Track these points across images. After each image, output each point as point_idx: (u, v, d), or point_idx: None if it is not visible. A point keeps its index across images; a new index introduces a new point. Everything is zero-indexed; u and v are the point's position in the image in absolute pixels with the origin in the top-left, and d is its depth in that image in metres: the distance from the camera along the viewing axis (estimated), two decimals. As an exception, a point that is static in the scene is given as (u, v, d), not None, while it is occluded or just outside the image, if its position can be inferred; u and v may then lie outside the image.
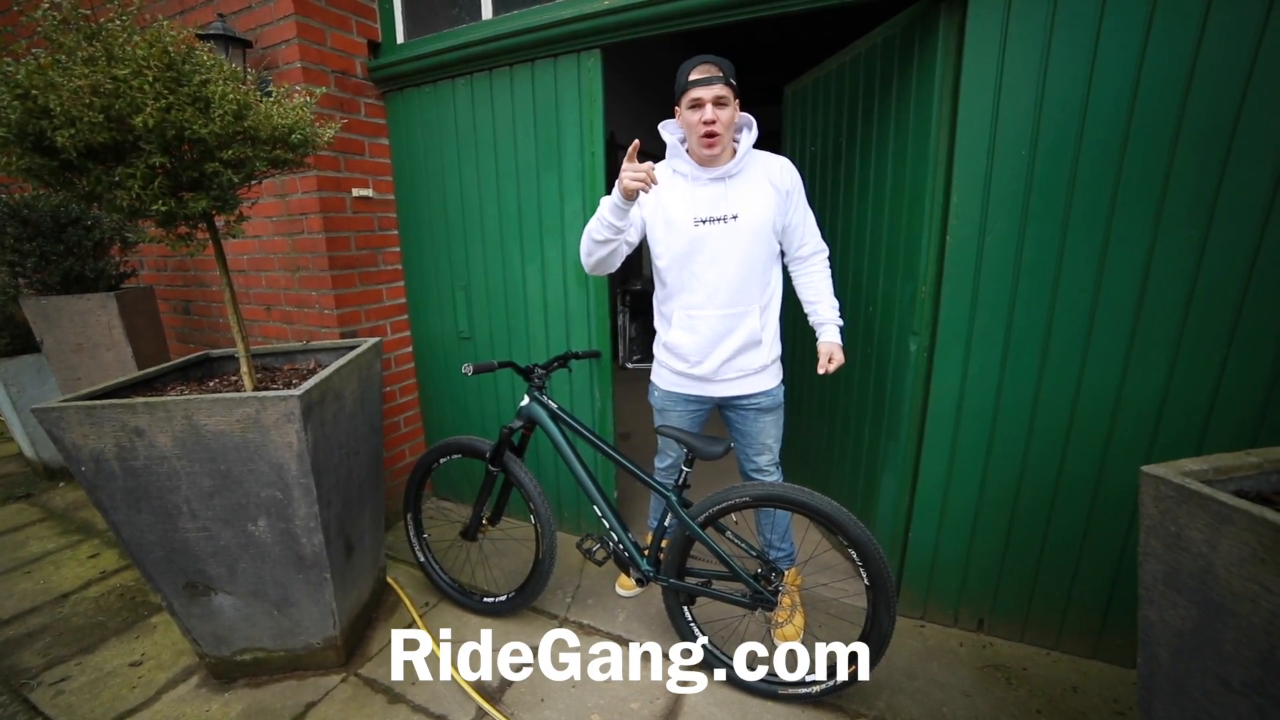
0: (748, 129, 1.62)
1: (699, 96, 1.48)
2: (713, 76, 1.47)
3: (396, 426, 2.67)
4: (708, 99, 1.47)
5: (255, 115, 1.44)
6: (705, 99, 1.48)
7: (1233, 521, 0.81)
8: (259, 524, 1.54)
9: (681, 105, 1.54)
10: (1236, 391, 1.45)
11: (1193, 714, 0.90)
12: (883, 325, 1.94)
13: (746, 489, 1.62)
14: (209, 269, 2.75)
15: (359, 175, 2.36)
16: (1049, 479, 1.67)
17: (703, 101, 1.48)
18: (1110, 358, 1.53)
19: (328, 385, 1.58)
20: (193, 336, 3.00)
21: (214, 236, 1.60)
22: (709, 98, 1.47)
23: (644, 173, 1.37)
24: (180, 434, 1.45)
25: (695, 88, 1.48)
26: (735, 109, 1.53)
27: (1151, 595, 0.94)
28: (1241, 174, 1.35)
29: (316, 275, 2.29)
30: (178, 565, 1.60)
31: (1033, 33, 1.44)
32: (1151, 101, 1.38)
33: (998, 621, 1.86)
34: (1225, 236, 1.38)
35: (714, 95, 1.47)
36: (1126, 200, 1.44)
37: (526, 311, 2.39)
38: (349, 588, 1.79)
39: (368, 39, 2.34)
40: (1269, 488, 0.98)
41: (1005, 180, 1.53)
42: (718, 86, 1.47)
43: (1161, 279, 1.45)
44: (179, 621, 1.69)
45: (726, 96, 1.49)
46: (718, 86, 1.47)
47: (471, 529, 2.06)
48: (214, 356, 1.97)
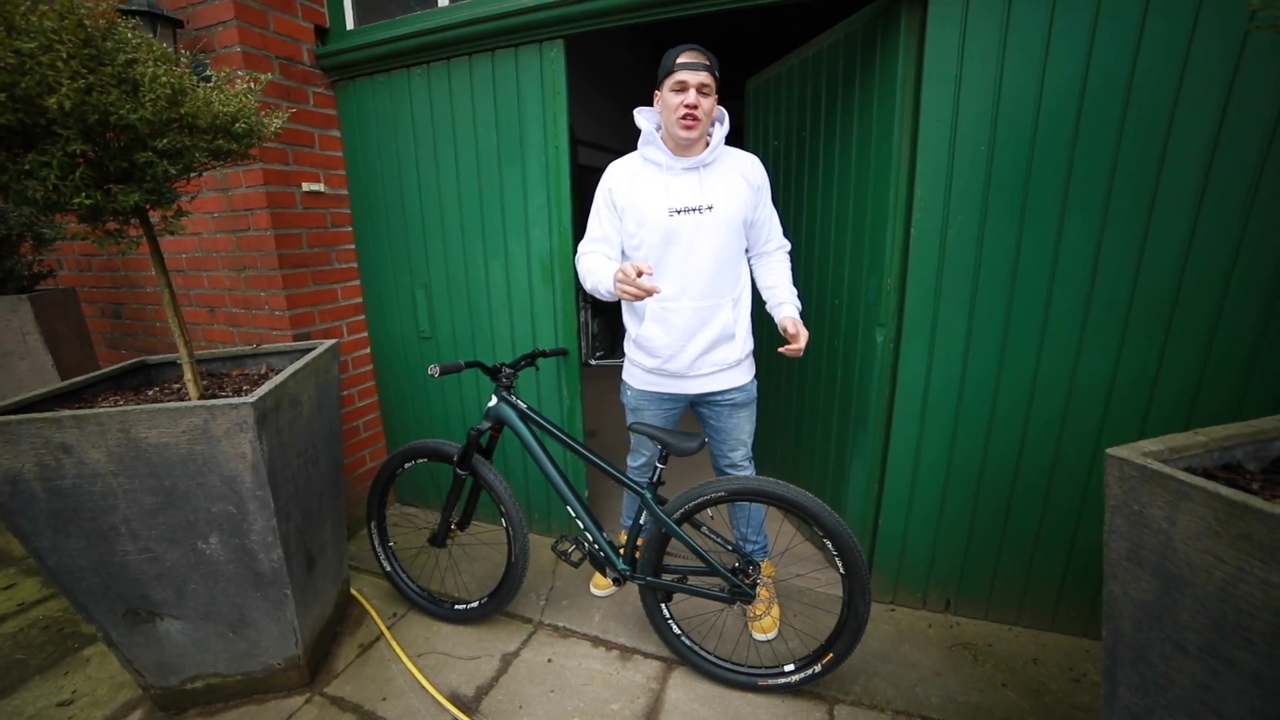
0: (720, 122, 1.63)
1: (684, 80, 1.49)
2: (699, 63, 1.49)
3: (356, 431, 2.55)
4: (693, 84, 1.49)
5: (193, 101, 1.33)
6: (690, 83, 1.49)
7: (1190, 498, 0.86)
8: (210, 541, 1.43)
9: (664, 88, 1.54)
10: (1174, 375, 1.55)
11: (1153, 679, 0.95)
12: (849, 317, 1.98)
13: (722, 484, 1.62)
14: (142, 269, 2.55)
15: (309, 169, 2.23)
16: (1010, 462, 1.74)
17: (687, 85, 1.49)
18: (1065, 345, 1.61)
19: (284, 391, 1.48)
20: (125, 342, 2.78)
21: (149, 233, 1.48)
22: (694, 83, 1.49)
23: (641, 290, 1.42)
24: (116, 449, 1.33)
25: (681, 70, 1.49)
26: (715, 98, 1.55)
27: (1116, 571, 0.99)
28: (1176, 170, 1.44)
29: (265, 274, 2.15)
30: (116, 591, 1.47)
31: (989, 32, 1.49)
32: (1098, 101, 1.45)
33: (963, 601, 1.93)
34: (1163, 229, 1.47)
35: (699, 81, 1.49)
36: (1077, 195, 1.51)
37: (490, 309, 2.32)
38: (311, 603, 1.69)
39: (314, 24, 2.21)
40: (1213, 464, 1.04)
41: (966, 175, 1.58)
42: (703, 74, 1.49)
43: (1109, 270, 1.53)
44: (118, 652, 1.56)
45: (710, 85, 1.51)
46: (703, 74, 1.49)
47: (440, 535, 1.99)
48: (152, 363, 1.82)
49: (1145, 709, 0.97)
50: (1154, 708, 0.95)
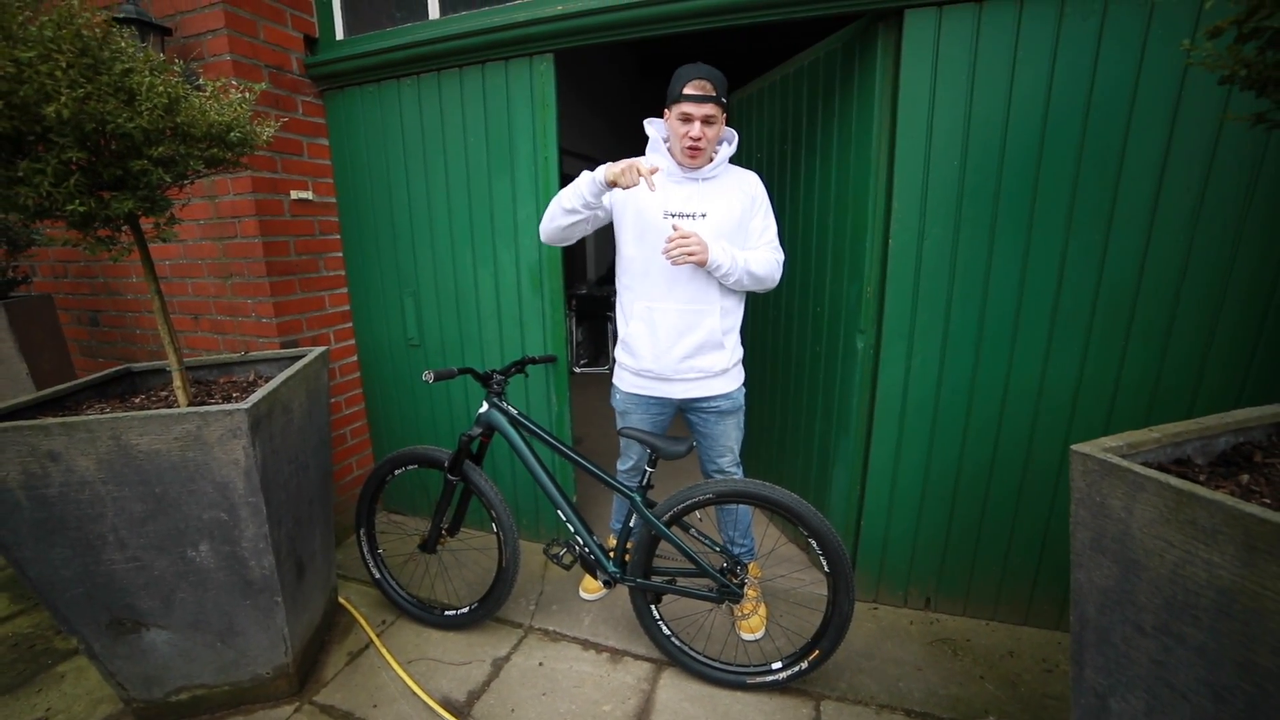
0: (728, 142, 1.68)
1: (689, 112, 1.52)
2: (706, 95, 1.51)
3: (343, 439, 2.54)
4: (697, 116, 1.51)
5: (188, 110, 1.34)
6: (695, 116, 1.52)
7: (1145, 489, 0.93)
8: (200, 549, 1.42)
9: (672, 112, 1.57)
10: (1134, 377, 1.64)
11: (1114, 659, 1.02)
12: (830, 324, 2.05)
13: (710, 486, 1.66)
14: (121, 275, 2.51)
15: (298, 177, 2.24)
16: (985, 463, 1.82)
17: (692, 118, 1.52)
18: (1034, 350, 1.70)
19: (276, 397, 1.49)
20: (102, 350, 2.72)
21: (140, 240, 1.48)
22: (699, 115, 1.51)
23: (642, 178, 1.41)
24: (106, 456, 1.32)
25: (686, 103, 1.52)
26: (721, 124, 1.58)
27: (1081, 559, 1.05)
28: (1131, 186, 1.54)
29: (252, 282, 2.14)
30: (101, 601, 1.45)
31: (960, 56, 1.58)
32: (1060, 121, 1.55)
33: (943, 598, 2.00)
34: (1121, 241, 1.57)
35: (704, 114, 1.52)
36: (1044, 208, 1.60)
37: (479, 317, 2.35)
38: (301, 610, 1.69)
39: (304, 33, 2.23)
40: (1166, 458, 1.12)
41: (940, 188, 1.67)
42: (709, 106, 1.51)
43: (1074, 278, 1.62)
44: (99, 665, 1.53)
45: (715, 115, 1.53)
46: (709, 106, 1.51)
47: (431, 541, 1.99)
48: (136, 371, 1.81)
49: (1109, 688, 1.03)
50: (1116, 686, 1.01)
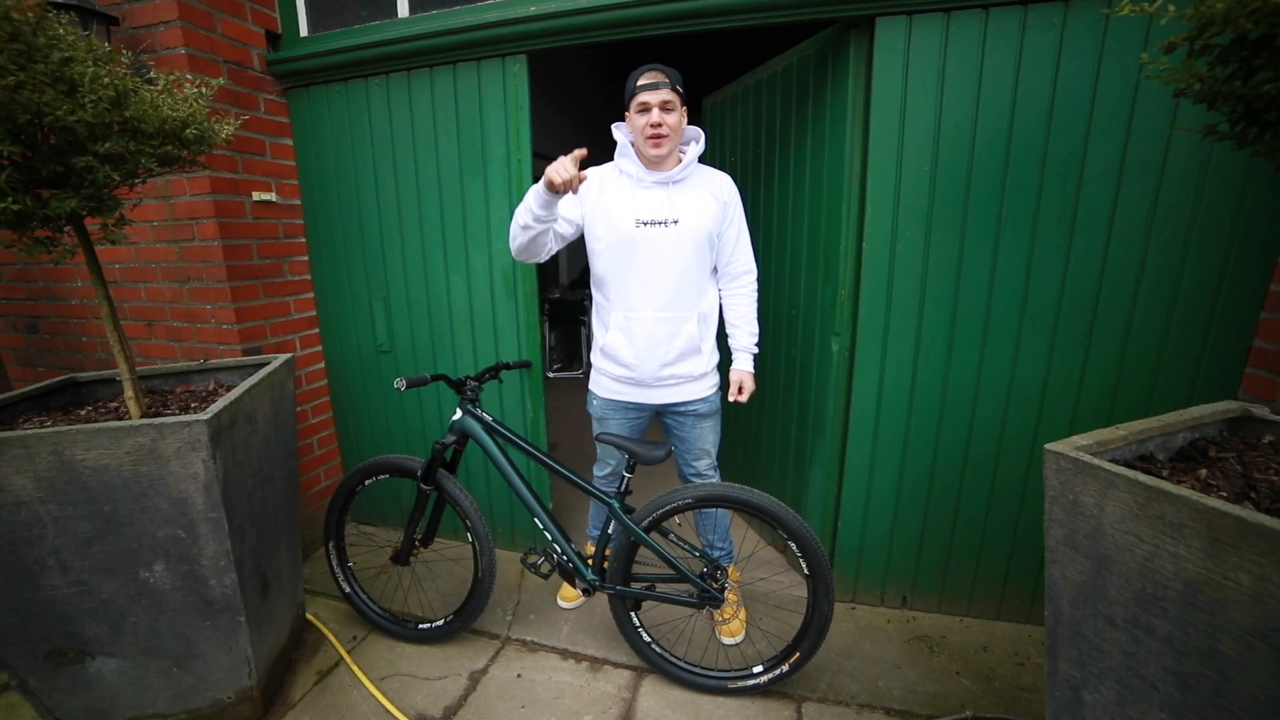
0: (695, 141, 1.69)
1: (646, 101, 1.54)
2: (659, 82, 1.53)
3: (310, 449, 2.44)
4: (654, 103, 1.53)
5: (139, 104, 1.27)
6: (652, 103, 1.53)
7: (1116, 485, 0.95)
8: (155, 569, 1.34)
9: (630, 110, 1.59)
10: (1097, 376, 1.70)
11: (1087, 651, 1.05)
12: (805, 328, 2.07)
13: (689, 491, 1.65)
14: (63, 279, 2.36)
15: (260, 178, 2.15)
16: (957, 462, 1.86)
17: (649, 106, 1.53)
18: (1004, 350, 1.74)
19: (238, 407, 1.41)
20: (42, 359, 2.56)
21: (85, 242, 1.39)
22: (655, 102, 1.53)
23: (571, 175, 1.39)
24: (46, 473, 1.24)
25: (642, 92, 1.54)
26: (682, 115, 1.60)
27: (1055, 556, 1.08)
28: (1091, 193, 1.60)
29: (212, 286, 2.04)
30: (38, 631, 1.35)
31: (929, 63, 1.61)
32: (1025, 128, 1.60)
33: (918, 597, 2.03)
34: (1084, 245, 1.63)
35: (660, 100, 1.53)
36: (1011, 212, 1.65)
37: (452, 323, 2.29)
38: (266, 630, 1.60)
39: (265, 29, 2.14)
40: (1131, 455, 1.16)
41: (912, 193, 1.70)
42: (664, 91, 1.53)
43: (1040, 281, 1.67)
44: (34, 701, 1.43)
45: (673, 101, 1.55)
46: (664, 91, 1.53)
47: (404, 552, 1.93)
48: (82, 381, 1.70)
49: (1082, 680, 1.06)
50: (1089, 678, 1.04)
